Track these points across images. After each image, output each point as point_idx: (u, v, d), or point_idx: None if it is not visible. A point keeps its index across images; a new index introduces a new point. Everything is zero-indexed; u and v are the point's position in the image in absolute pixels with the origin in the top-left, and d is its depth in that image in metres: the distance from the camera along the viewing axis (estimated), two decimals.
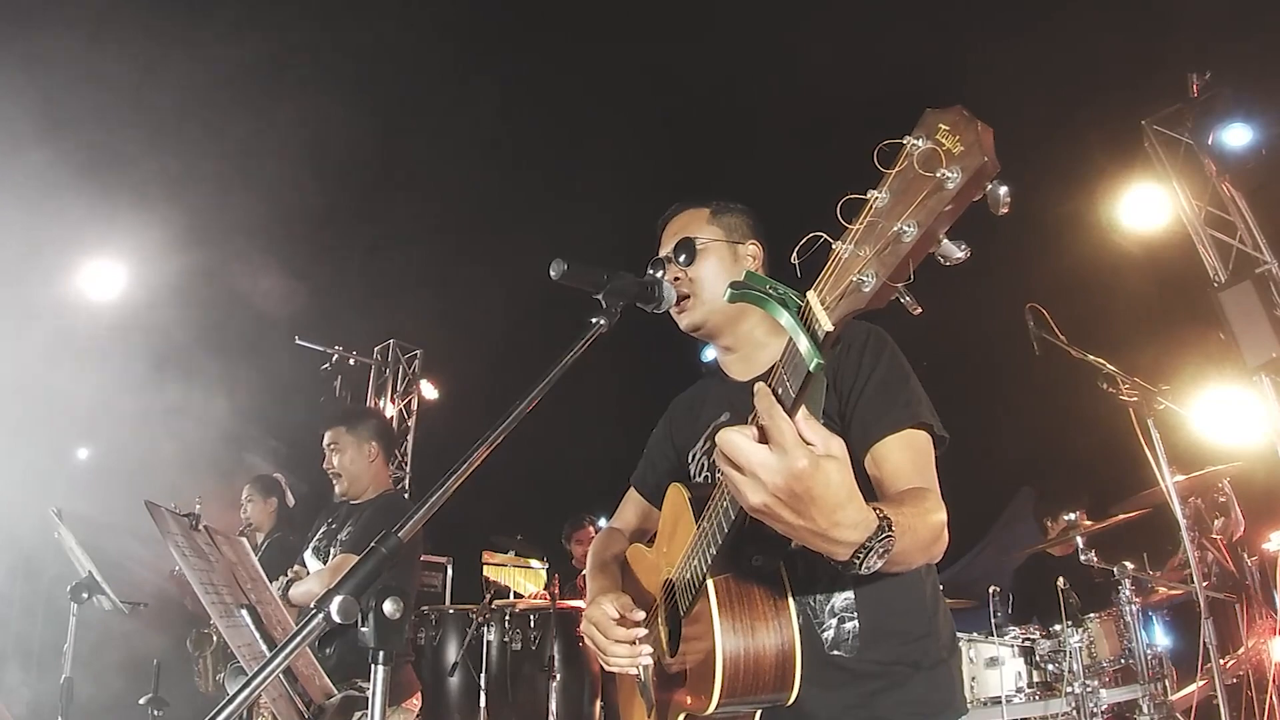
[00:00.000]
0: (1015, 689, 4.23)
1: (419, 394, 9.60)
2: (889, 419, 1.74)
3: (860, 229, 0.99)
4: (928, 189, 0.91)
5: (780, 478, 1.15)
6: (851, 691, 1.74)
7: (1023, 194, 0.99)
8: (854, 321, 1.93)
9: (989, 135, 0.90)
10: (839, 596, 1.77)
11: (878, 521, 1.27)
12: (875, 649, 1.75)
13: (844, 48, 6.43)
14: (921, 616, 1.83)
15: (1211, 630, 4.03)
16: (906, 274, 0.97)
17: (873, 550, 1.26)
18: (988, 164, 0.89)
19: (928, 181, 0.91)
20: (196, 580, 2.12)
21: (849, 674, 1.75)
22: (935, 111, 0.94)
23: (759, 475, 1.16)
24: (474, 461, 1.38)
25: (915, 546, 1.44)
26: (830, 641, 1.75)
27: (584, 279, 1.68)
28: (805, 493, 1.15)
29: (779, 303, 1.10)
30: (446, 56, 7.93)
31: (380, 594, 1.23)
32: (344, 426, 3.90)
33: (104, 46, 6.12)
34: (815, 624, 1.77)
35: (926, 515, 1.52)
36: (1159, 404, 4.29)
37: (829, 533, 1.21)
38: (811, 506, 1.17)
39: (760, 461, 1.16)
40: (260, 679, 1.16)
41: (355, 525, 3.67)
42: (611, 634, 1.86)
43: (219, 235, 6.99)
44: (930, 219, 0.92)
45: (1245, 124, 5.65)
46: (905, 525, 1.37)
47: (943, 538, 1.57)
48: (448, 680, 5.54)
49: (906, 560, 1.44)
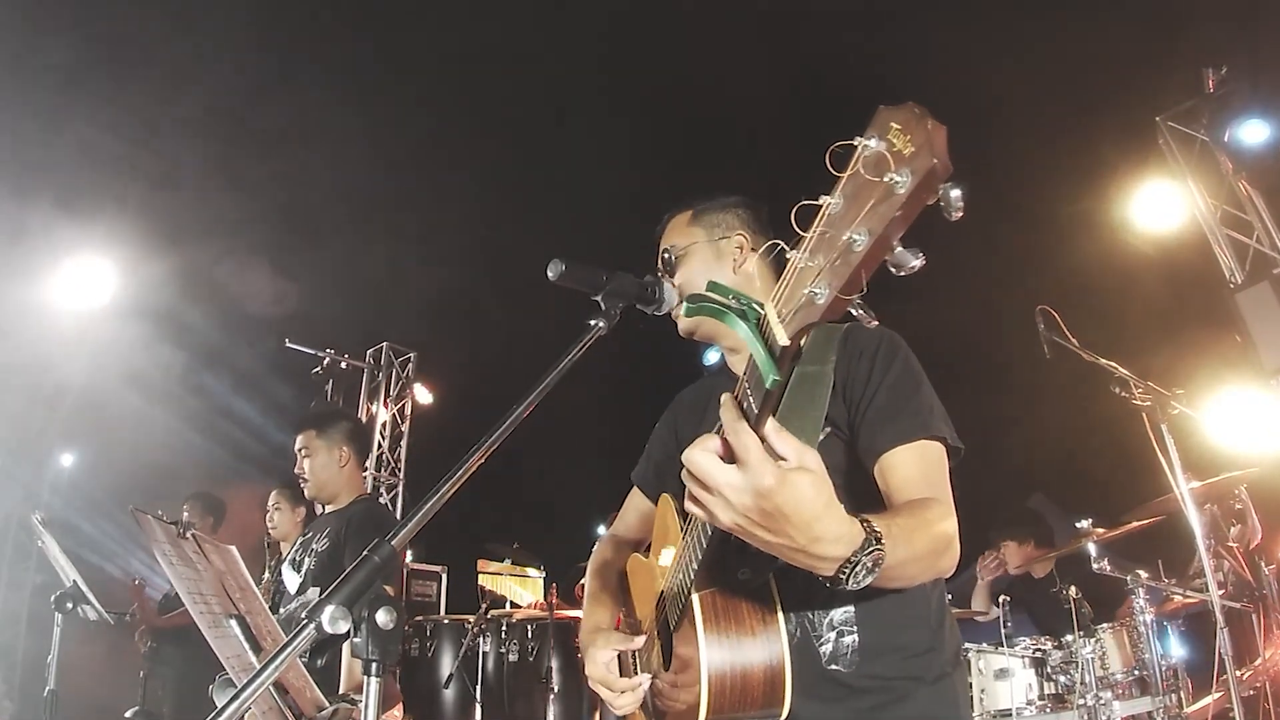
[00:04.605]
0: (1026, 701, 4.16)
1: (413, 398, 9.48)
2: (898, 429, 1.68)
3: (814, 238, 0.95)
4: (878, 194, 0.86)
5: (747, 497, 1.12)
6: (851, 706, 1.70)
7: (1034, 193, 0.88)
8: (868, 326, 1.84)
9: (941, 135, 0.84)
10: (838, 610, 1.73)
11: (864, 535, 1.23)
12: (875, 664, 1.71)
13: (848, 40, 6.36)
14: (925, 631, 1.78)
15: (1228, 641, 3.97)
16: (860, 286, 0.93)
17: (859, 564, 1.22)
18: (938, 166, 0.83)
19: (878, 186, 0.86)
20: (184, 589, 2.12)
21: (847, 689, 1.71)
22: (887, 109, 0.88)
23: (725, 495, 1.13)
24: (469, 467, 1.36)
25: (913, 559, 1.39)
26: (828, 655, 1.72)
27: (582, 280, 1.66)
28: (775, 510, 1.12)
29: (737, 315, 1.04)
30: (442, 56, 7.86)
31: (373, 604, 1.22)
32: (314, 430, 3.78)
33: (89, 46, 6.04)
34: (813, 637, 1.73)
35: (929, 526, 1.47)
36: (1173, 408, 4.24)
37: (809, 549, 1.18)
38: (785, 523, 1.14)
39: (725, 481, 1.13)
40: (249, 691, 1.14)
41: (331, 536, 3.54)
42: (615, 685, 1.85)
43: (207, 236, 6.90)
44: (881, 226, 0.87)
45: (1262, 120, 5.60)
46: (899, 538, 1.31)
47: (951, 550, 1.52)
48: (442, 692, 5.47)
49: (905, 574, 1.40)
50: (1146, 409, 4.17)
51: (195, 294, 7.41)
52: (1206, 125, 5.84)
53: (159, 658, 5.59)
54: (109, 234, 6.89)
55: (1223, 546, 4.65)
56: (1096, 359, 4.26)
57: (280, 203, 6.78)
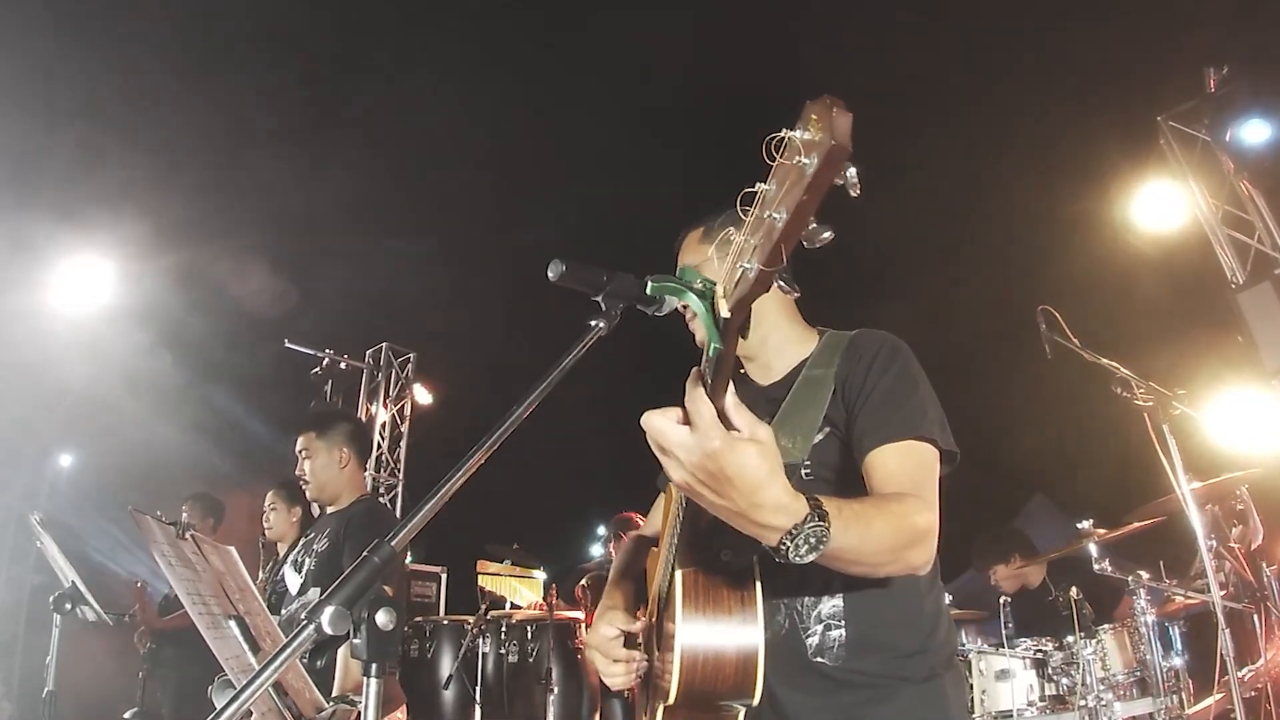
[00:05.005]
0: (1027, 702, 4.14)
1: (412, 399, 9.43)
2: (887, 429, 1.73)
3: (751, 219, 1.05)
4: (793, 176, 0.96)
5: (695, 455, 1.19)
6: (836, 701, 1.73)
7: (1035, 193, 0.88)
8: (871, 331, 1.93)
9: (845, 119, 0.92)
10: (827, 603, 1.76)
11: (807, 510, 1.28)
12: (861, 660, 1.73)
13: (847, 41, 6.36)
14: (915, 632, 1.79)
15: (1229, 642, 3.94)
16: (781, 259, 1.03)
17: (799, 536, 1.27)
18: (835, 147, 0.91)
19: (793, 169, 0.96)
20: (183, 590, 2.10)
21: (832, 682, 1.73)
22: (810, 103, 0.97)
23: (677, 454, 1.21)
24: (469, 468, 1.35)
25: (868, 543, 1.43)
26: (814, 648, 1.75)
27: (583, 280, 1.61)
28: (719, 471, 1.19)
29: (696, 293, 1.20)
30: (442, 57, 7.86)
31: (373, 604, 1.21)
32: (314, 431, 3.75)
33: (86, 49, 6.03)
34: (800, 629, 1.77)
35: (894, 517, 1.50)
36: (1175, 409, 4.21)
37: (749, 514, 1.25)
38: (729, 486, 1.21)
39: (677, 441, 1.21)
40: (249, 693, 1.13)
41: (331, 536, 3.53)
42: (611, 654, 1.90)
43: (206, 237, 6.90)
44: (794, 203, 0.96)
45: (1264, 120, 5.59)
46: (850, 521, 1.36)
47: (923, 545, 1.54)
48: (442, 693, 5.47)
49: (860, 558, 1.43)
50: (1148, 409, 4.14)
51: (194, 295, 7.40)
52: (1208, 125, 5.83)
53: (158, 659, 5.58)
54: (108, 235, 6.88)
55: (1224, 547, 4.62)
56: (1098, 359, 4.23)
57: (280, 203, 6.77)
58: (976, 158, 6.57)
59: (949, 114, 6.74)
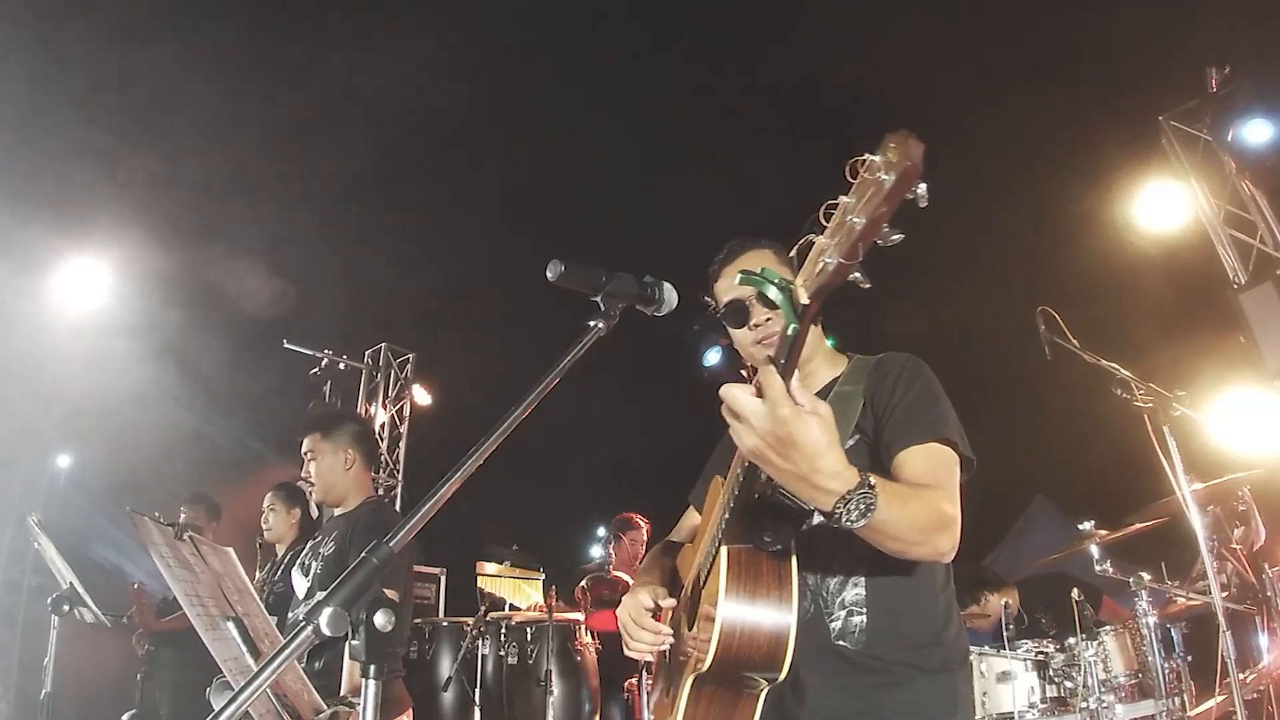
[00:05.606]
0: (1028, 704, 4.12)
1: (411, 399, 9.42)
2: (913, 433, 1.90)
3: (833, 225, 1.26)
4: (873, 189, 1.19)
5: (766, 423, 1.36)
6: (852, 683, 1.90)
7: (1036, 193, 0.91)
8: (895, 353, 2.14)
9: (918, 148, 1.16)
10: (850, 590, 1.93)
11: (859, 479, 1.44)
12: (880, 646, 1.90)
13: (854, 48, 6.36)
14: (929, 625, 1.95)
15: (1231, 643, 3.95)
16: (858, 255, 1.24)
17: (852, 502, 1.43)
18: (910, 167, 1.15)
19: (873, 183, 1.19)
20: (181, 591, 2.12)
21: (851, 665, 1.90)
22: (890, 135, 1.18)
23: (750, 421, 1.37)
24: (468, 469, 1.38)
25: (906, 521, 1.58)
26: (837, 632, 1.92)
27: (582, 280, 1.67)
28: (787, 436, 1.35)
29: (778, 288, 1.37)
30: (441, 57, 7.85)
31: (371, 606, 1.22)
32: (319, 433, 3.73)
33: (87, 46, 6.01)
34: (825, 613, 1.94)
35: (927, 501, 1.67)
36: (1175, 410, 4.21)
37: (810, 477, 1.40)
38: (794, 450, 1.37)
39: (750, 409, 1.37)
40: (247, 694, 1.14)
41: (337, 539, 3.51)
42: (641, 622, 2.02)
43: (204, 237, 6.88)
44: (872, 211, 1.19)
45: (1266, 119, 5.58)
46: (893, 496, 1.53)
47: (950, 531, 1.69)
48: (441, 695, 5.43)
49: (897, 533, 1.57)
50: (1148, 410, 4.15)
51: (193, 295, 7.39)
52: (1210, 125, 5.82)
53: (157, 660, 5.57)
54: (106, 235, 6.87)
55: (1226, 549, 4.61)
56: (1098, 360, 4.24)
57: (279, 203, 6.76)
58: (977, 158, 6.57)
59: (949, 114, 6.72)
